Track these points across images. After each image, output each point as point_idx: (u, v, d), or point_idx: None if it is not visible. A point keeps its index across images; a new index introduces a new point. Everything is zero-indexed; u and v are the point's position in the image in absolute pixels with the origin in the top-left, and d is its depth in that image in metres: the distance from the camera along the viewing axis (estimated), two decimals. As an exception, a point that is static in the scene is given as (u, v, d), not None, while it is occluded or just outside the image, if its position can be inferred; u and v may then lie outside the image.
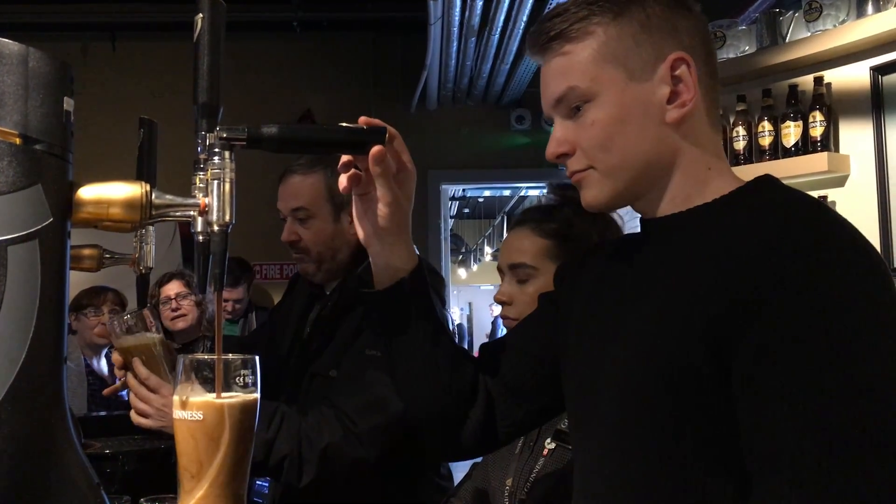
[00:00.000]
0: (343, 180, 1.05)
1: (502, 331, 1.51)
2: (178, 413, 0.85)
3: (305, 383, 1.76)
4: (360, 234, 1.09)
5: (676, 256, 0.96)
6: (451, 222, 8.29)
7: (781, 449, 0.79)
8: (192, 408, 0.84)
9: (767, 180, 0.98)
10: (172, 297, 3.40)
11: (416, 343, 1.11)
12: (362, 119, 1.05)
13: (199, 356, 0.88)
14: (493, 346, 1.23)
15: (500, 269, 1.57)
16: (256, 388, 0.89)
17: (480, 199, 11.29)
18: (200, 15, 0.81)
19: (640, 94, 0.97)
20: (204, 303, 3.47)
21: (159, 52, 5.25)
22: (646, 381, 0.92)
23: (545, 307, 1.22)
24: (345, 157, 1.05)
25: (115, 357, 1.60)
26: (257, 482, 2.26)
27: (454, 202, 10.30)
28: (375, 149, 1.01)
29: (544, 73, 1.02)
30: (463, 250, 14.67)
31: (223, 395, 0.86)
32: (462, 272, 14.86)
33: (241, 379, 0.88)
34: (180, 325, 3.38)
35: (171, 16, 4.92)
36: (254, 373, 0.89)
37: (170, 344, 1.81)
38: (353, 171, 1.05)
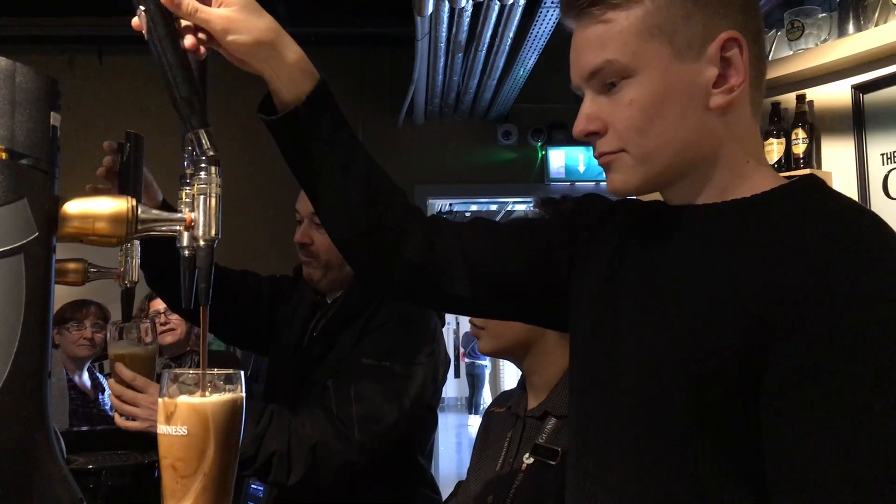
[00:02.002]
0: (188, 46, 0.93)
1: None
2: (162, 428, 0.85)
3: (303, 392, 1.77)
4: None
5: (711, 252, 0.88)
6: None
7: (806, 469, 0.75)
8: (176, 422, 0.84)
9: (814, 182, 0.91)
10: (162, 311, 3.39)
11: (322, 176, 1.02)
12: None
13: (183, 370, 0.88)
14: (487, 225, 1.14)
15: None
16: (241, 400, 0.90)
17: (467, 214, 11.28)
18: (141, 8, 0.79)
19: (685, 75, 0.88)
20: None
21: (146, 66, 5.22)
22: (668, 382, 0.85)
23: (555, 220, 1.13)
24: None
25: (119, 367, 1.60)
26: (252, 486, 2.25)
27: (441, 216, 10.29)
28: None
29: (577, 41, 0.93)
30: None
31: (208, 406, 0.86)
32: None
33: (226, 392, 0.88)
34: (168, 339, 3.36)
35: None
36: (239, 387, 0.90)
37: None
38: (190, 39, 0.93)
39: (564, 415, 1.39)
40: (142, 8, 0.79)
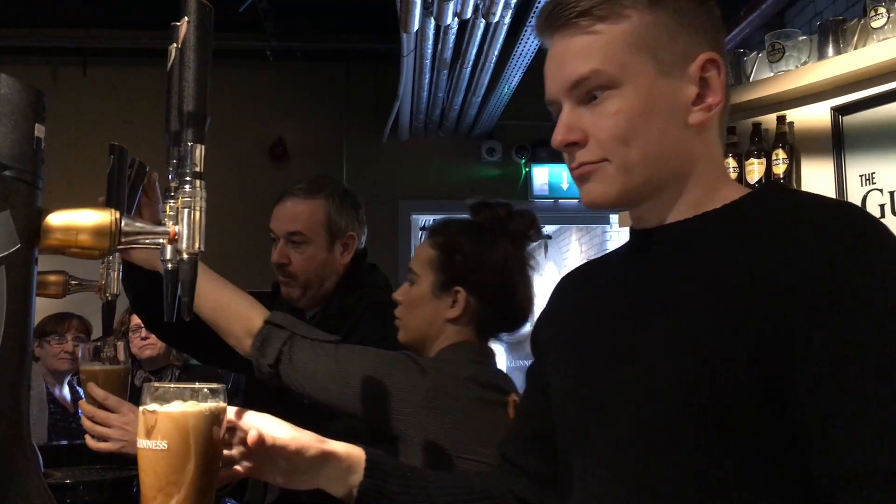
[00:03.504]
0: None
1: None
2: (141, 442, 0.84)
3: (281, 407, 1.75)
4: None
5: (698, 266, 0.89)
6: (421, 252, 8.28)
7: (856, 466, 0.75)
8: (156, 436, 0.83)
9: (778, 185, 0.94)
10: (142, 325, 3.36)
11: None
12: None
13: (163, 384, 0.88)
14: (507, 448, 1.15)
15: None
16: (224, 413, 0.89)
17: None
18: (185, 19, 0.81)
19: (668, 91, 0.90)
20: None
21: (130, 79, 5.23)
22: (679, 400, 0.84)
23: (532, 381, 1.14)
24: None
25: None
26: (227, 504, 2.22)
27: (424, 232, 10.30)
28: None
29: (559, 52, 0.93)
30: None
31: (190, 418, 0.85)
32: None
33: (208, 405, 0.88)
34: (148, 353, 3.34)
35: (143, 42, 4.91)
36: (222, 400, 0.89)
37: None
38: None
39: None
40: (186, 18, 0.80)
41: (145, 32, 4.87)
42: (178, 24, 0.84)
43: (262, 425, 1.01)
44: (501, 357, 7.26)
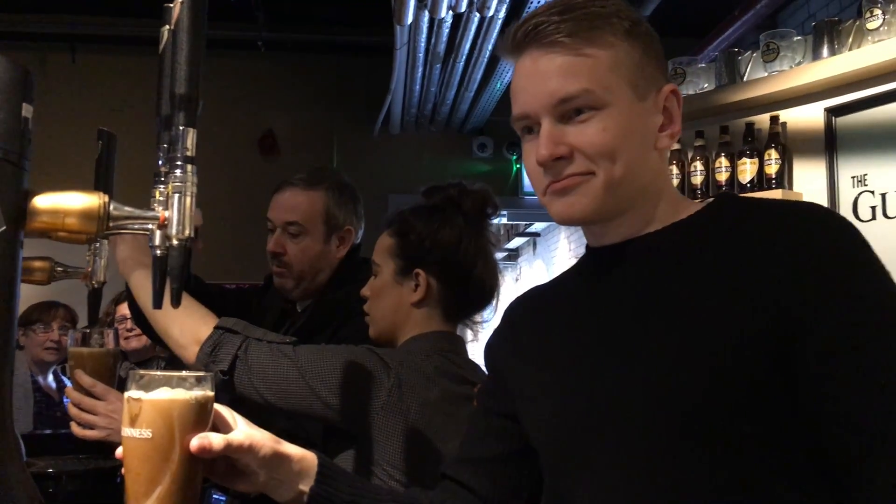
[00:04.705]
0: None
1: None
2: (126, 431, 0.83)
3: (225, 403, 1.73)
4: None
5: (685, 269, 0.94)
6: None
7: (874, 440, 0.79)
8: (140, 424, 0.81)
9: (730, 195, 1.01)
10: (128, 316, 3.33)
11: None
12: None
13: (149, 372, 0.86)
14: (455, 471, 1.15)
15: None
16: (211, 401, 0.87)
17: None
18: (179, 0, 0.79)
19: (643, 115, 0.97)
20: None
21: (119, 66, 5.19)
22: (687, 401, 0.87)
23: (485, 402, 1.17)
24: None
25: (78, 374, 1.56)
26: (213, 495, 2.21)
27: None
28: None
29: (543, 68, 0.96)
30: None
31: (175, 406, 0.83)
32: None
33: (195, 392, 0.86)
34: (134, 344, 3.31)
35: (131, 29, 4.88)
36: (209, 389, 0.87)
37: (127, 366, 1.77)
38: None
39: None
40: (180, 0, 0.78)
41: (134, 20, 4.84)
42: (171, 5, 0.82)
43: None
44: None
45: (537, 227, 8.28)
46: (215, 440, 0.88)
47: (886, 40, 2.29)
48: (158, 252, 0.80)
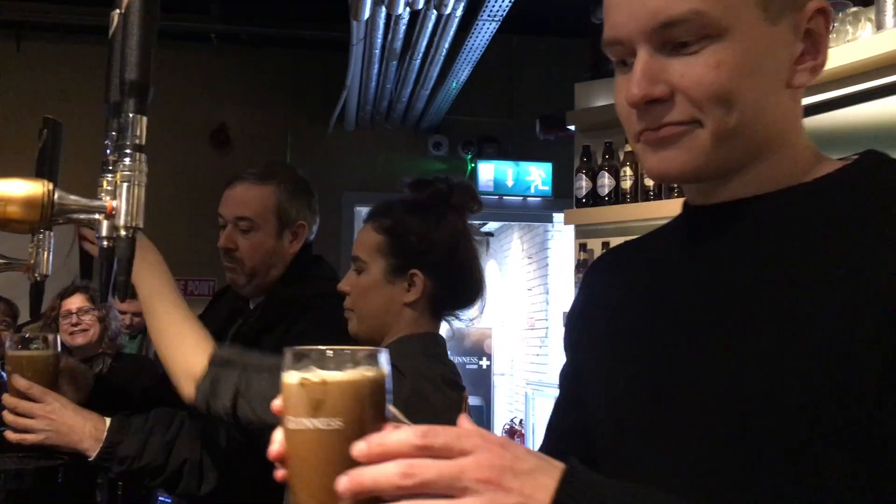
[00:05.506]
0: None
1: None
2: (305, 422, 0.63)
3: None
4: None
5: (805, 246, 0.74)
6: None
7: None
8: (326, 412, 0.62)
9: (879, 155, 0.78)
10: (74, 311, 3.24)
11: None
12: None
13: (313, 347, 0.66)
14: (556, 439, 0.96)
15: None
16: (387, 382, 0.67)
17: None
18: None
19: (775, 43, 0.75)
20: (107, 319, 3.32)
21: (66, 54, 5.08)
22: (780, 412, 0.70)
23: (567, 390, 0.98)
24: None
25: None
26: (160, 497, 2.17)
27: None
28: None
29: None
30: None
31: (366, 386, 0.64)
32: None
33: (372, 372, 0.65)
34: (80, 340, 3.22)
35: (78, 18, 4.79)
36: (385, 367, 0.67)
37: (73, 363, 1.72)
38: None
39: None
40: None
41: (81, 8, 4.75)
42: None
43: None
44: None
45: (491, 226, 8.31)
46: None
47: (861, 39, 2.22)
48: (105, 243, 0.78)
